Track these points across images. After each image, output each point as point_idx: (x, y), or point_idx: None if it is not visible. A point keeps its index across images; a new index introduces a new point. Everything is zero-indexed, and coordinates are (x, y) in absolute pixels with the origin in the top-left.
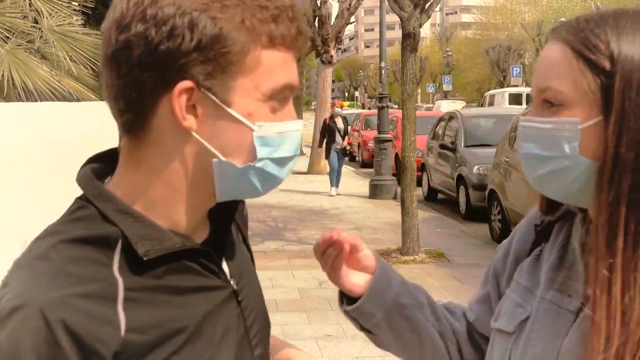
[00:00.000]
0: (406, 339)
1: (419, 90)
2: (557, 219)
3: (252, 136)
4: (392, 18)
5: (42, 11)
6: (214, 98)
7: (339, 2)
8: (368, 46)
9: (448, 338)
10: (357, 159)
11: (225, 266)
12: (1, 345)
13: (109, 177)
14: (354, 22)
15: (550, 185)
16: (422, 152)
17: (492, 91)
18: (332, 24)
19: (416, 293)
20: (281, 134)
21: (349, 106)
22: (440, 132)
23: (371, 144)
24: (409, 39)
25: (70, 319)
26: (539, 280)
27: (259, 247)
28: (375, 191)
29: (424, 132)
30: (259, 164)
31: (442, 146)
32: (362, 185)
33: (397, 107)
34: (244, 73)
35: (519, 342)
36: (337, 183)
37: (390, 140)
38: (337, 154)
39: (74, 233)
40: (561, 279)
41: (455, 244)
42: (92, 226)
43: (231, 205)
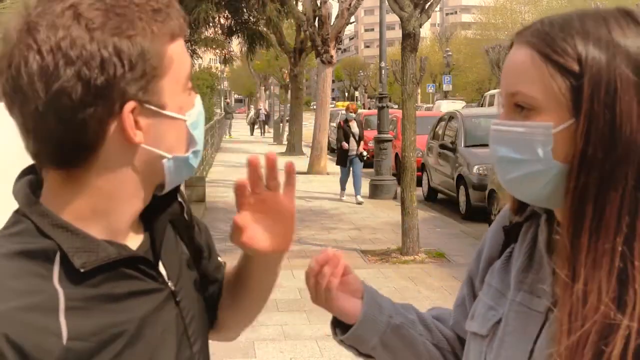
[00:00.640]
0: (404, 357)
1: (419, 90)
2: (525, 219)
3: (186, 126)
4: (392, 18)
5: None
6: (152, 107)
7: (339, 2)
8: (368, 46)
9: (443, 347)
10: None
11: (162, 268)
12: None
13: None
14: (354, 22)
15: (522, 188)
16: (422, 152)
17: (492, 91)
18: (332, 24)
19: (406, 311)
20: (199, 113)
21: None
22: (440, 132)
23: (371, 144)
24: (409, 39)
25: (13, 332)
26: (509, 282)
27: None
28: (375, 191)
29: (424, 132)
30: (198, 146)
31: (442, 146)
32: (362, 185)
33: (397, 107)
34: (165, 74)
35: (492, 345)
36: (360, 188)
37: (390, 140)
38: (351, 161)
39: (13, 247)
40: (530, 280)
41: (455, 244)
42: (29, 240)
43: (164, 207)
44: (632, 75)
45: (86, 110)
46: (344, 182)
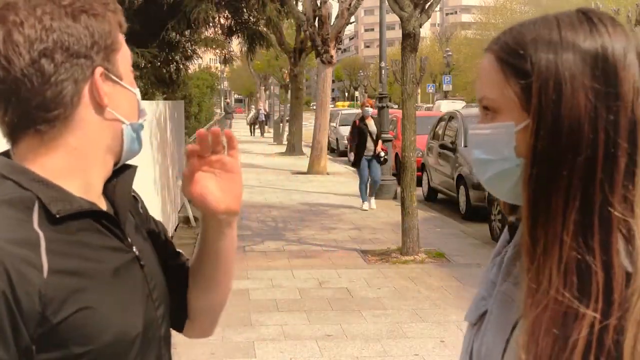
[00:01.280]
0: None
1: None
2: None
3: (136, 98)
4: (392, 18)
5: None
6: (113, 77)
7: (339, 2)
8: (368, 46)
9: None
10: None
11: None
12: None
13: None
14: (354, 22)
15: (498, 187)
16: (422, 152)
17: None
18: (332, 24)
19: None
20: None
21: (349, 106)
22: (440, 132)
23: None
24: (409, 39)
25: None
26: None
27: (259, 247)
28: (376, 191)
29: (424, 132)
30: (144, 120)
31: (442, 146)
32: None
33: (397, 107)
34: (119, 51)
35: (479, 334)
36: (373, 193)
37: (390, 140)
38: (368, 162)
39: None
40: (516, 272)
41: (455, 244)
42: (9, 192)
43: (123, 186)
44: (582, 73)
45: (64, 71)
46: (365, 189)
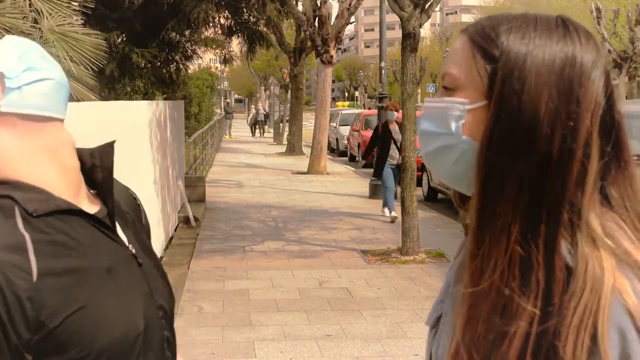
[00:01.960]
0: None
1: (419, 90)
2: None
3: None
4: (392, 18)
5: (42, 11)
6: None
7: (339, 2)
8: (368, 46)
9: None
10: (357, 159)
11: (121, 235)
12: None
13: None
14: (354, 22)
15: (437, 162)
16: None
17: None
18: (332, 24)
19: None
20: None
21: (349, 106)
22: None
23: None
24: (409, 39)
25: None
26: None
27: (259, 247)
28: (375, 191)
29: None
30: (10, 73)
31: None
32: (362, 185)
33: None
34: None
35: (437, 337)
36: (387, 204)
37: None
38: (392, 171)
39: None
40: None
41: (455, 244)
42: None
43: (107, 185)
44: (548, 73)
45: None
46: (391, 198)
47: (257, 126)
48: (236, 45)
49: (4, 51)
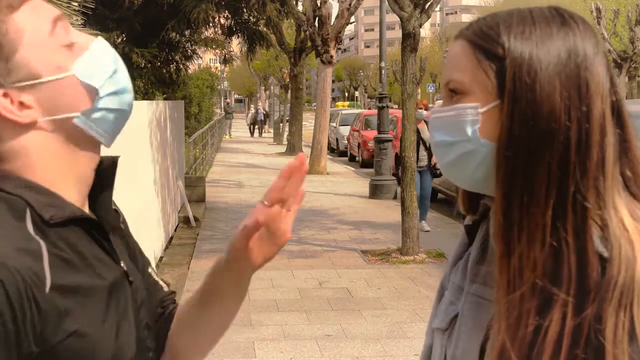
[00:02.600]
0: None
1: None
2: (482, 217)
3: (77, 79)
4: (392, 18)
5: None
6: (24, 84)
7: (339, 2)
8: (368, 46)
9: None
10: (357, 159)
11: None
12: None
13: None
14: (354, 22)
15: (457, 171)
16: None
17: None
18: (332, 24)
19: None
20: (95, 59)
21: (349, 106)
22: None
23: (371, 144)
24: (409, 39)
25: (10, 264)
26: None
27: None
28: (375, 191)
29: None
30: (102, 92)
31: None
32: (362, 185)
33: (397, 107)
34: (18, 46)
35: (452, 338)
36: (425, 213)
37: (390, 140)
38: (420, 175)
39: None
40: (484, 272)
41: (455, 244)
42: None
43: (105, 199)
44: (556, 63)
45: None
46: (423, 206)
47: (255, 126)
48: (236, 45)
49: (102, 62)
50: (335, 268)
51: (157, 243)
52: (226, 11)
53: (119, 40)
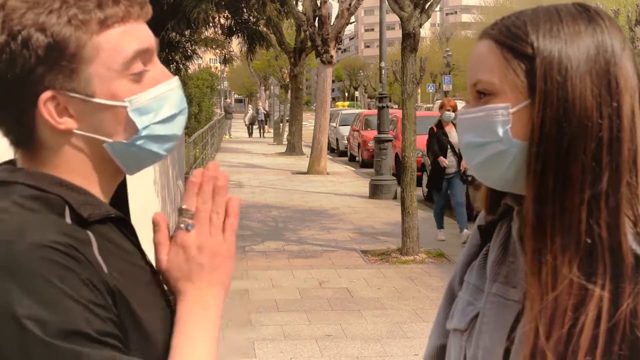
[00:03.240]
0: None
1: (419, 90)
2: (499, 218)
3: (126, 112)
4: (392, 18)
5: None
6: (76, 95)
7: (339, 2)
8: (368, 46)
9: None
10: (357, 159)
11: None
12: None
13: None
14: (354, 22)
15: (489, 172)
16: (422, 152)
17: None
18: (332, 24)
19: None
20: (155, 98)
21: (349, 106)
22: None
23: (371, 144)
24: (409, 39)
25: (72, 244)
26: (486, 278)
27: (259, 247)
28: (375, 191)
29: (424, 132)
30: (143, 132)
31: None
32: (362, 185)
33: (397, 107)
34: (90, 62)
35: (471, 339)
36: (463, 221)
37: (390, 140)
38: (449, 181)
39: (26, 202)
40: (505, 272)
41: (455, 244)
42: (35, 195)
43: (124, 192)
44: (586, 60)
45: (6, 100)
46: (441, 215)
47: (254, 126)
48: (236, 45)
49: (161, 103)
50: (335, 268)
51: None
52: (226, 11)
53: None
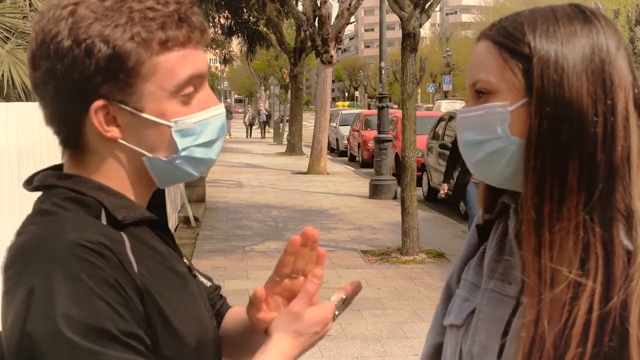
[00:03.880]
0: None
1: (419, 90)
2: (496, 216)
3: (170, 132)
4: (392, 18)
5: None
6: (126, 108)
7: (339, 2)
8: (368, 46)
9: None
10: (357, 159)
11: None
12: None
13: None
14: (354, 22)
15: (487, 169)
16: (422, 152)
17: None
18: (332, 24)
19: None
20: (199, 122)
21: (349, 106)
22: (440, 132)
23: (371, 144)
24: (409, 39)
25: (104, 242)
26: (483, 275)
27: (259, 247)
28: (375, 191)
29: (424, 132)
30: (183, 153)
31: (442, 146)
32: (362, 185)
33: (397, 107)
34: (146, 79)
35: (467, 334)
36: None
37: (390, 140)
38: (475, 187)
39: (63, 203)
40: (501, 269)
41: (455, 244)
42: (74, 198)
43: (160, 197)
44: (582, 60)
45: (60, 102)
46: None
47: (254, 126)
48: (236, 45)
49: (205, 128)
50: (335, 268)
51: None
52: (226, 11)
53: None
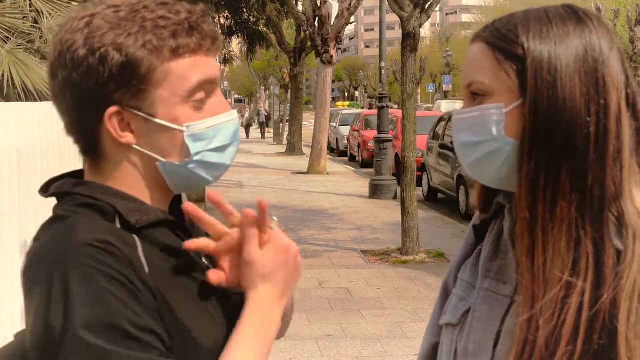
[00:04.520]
0: None
1: (419, 90)
2: (492, 216)
3: (183, 136)
4: (392, 18)
5: (42, 11)
6: (140, 114)
7: (339, 2)
8: (368, 46)
9: None
10: (357, 159)
11: None
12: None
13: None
14: (354, 22)
15: (483, 170)
16: (422, 152)
17: None
18: (332, 24)
19: None
20: (211, 127)
21: (349, 106)
22: (440, 132)
23: (371, 144)
24: (409, 39)
25: (111, 241)
26: (478, 274)
27: None
28: (375, 191)
29: (424, 132)
30: (196, 157)
31: (442, 146)
32: (362, 185)
33: (397, 107)
34: (158, 86)
35: (463, 333)
36: None
37: (390, 140)
38: None
39: (77, 209)
40: (496, 268)
41: (455, 244)
42: (89, 202)
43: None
44: (575, 60)
45: (77, 109)
46: None
47: (253, 127)
48: (236, 45)
49: (217, 133)
50: (335, 268)
51: None
52: (226, 11)
53: None
